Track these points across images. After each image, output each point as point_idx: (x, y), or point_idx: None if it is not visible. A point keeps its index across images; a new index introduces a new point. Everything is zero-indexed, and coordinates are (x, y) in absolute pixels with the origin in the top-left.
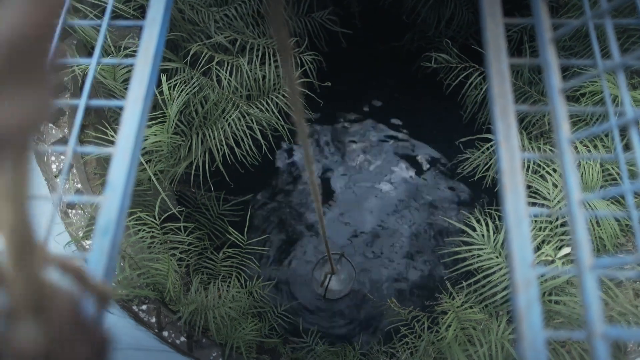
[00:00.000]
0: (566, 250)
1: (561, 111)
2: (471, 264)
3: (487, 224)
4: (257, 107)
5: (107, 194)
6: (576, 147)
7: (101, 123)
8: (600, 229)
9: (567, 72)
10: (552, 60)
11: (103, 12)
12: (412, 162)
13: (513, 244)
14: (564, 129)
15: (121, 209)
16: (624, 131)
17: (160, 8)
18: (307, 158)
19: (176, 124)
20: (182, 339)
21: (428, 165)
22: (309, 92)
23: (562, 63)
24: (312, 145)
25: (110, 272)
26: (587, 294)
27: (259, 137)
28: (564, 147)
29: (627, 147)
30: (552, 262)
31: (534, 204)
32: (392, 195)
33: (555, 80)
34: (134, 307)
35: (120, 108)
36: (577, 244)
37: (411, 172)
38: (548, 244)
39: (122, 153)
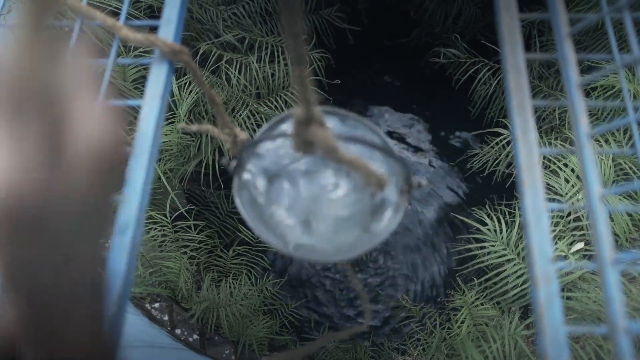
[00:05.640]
0: (579, 245)
1: (580, 106)
2: (482, 260)
3: (498, 219)
4: (267, 105)
5: (126, 192)
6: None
7: None
8: (614, 224)
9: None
10: (569, 55)
11: (111, 14)
12: (420, 157)
13: (532, 239)
14: (583, 123)
15: (141, 206)
16: None
17: (176, 8)
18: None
19: (185, 122)
20: (195, 336)
21: (436, 160)
22: (318, 90)
23: (579, 57)
24: None
25: (131, 270)
26: (609, 289)
27: None
28: (583, 141)
29: None
30: (565, 257)
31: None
32: None
33: (573, 75)
34: (147, 305)
35: (137, 107)
36: (598, 239)
37: (419, 167)
38: (561, 239)
39: (141, 151)
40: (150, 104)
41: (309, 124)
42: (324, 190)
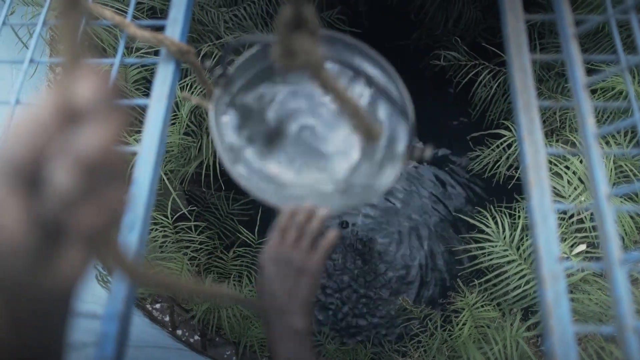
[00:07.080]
0: (581, 247)
1: (586, 106)
2: (483, 262)
3: (501, 221)
4: None
5: (133, 191)
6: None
7: None
8: (618, 226)
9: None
10: (575, 56)
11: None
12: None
13: (539, 238)
14: (589, 123)
15: (147, 205)
16: None
17: (182, 8)
18: None
19: (187, 124)
20: (196, 337)
21: (437, 162)
22: None
23: (585, 58)
24: None
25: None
26: (617, 288)
27: None
28: (590, 141)
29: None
30: (567, 259)
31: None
32: (399, 194)
33: (579, 75)
34: (148, 306)
35: (144, 107)
36: (606, 238)
37: (419, 170)
38: (563, 241)
39: (147, 151)
40: (157, 104)
41: (296, 29)
42: (304, 120)
